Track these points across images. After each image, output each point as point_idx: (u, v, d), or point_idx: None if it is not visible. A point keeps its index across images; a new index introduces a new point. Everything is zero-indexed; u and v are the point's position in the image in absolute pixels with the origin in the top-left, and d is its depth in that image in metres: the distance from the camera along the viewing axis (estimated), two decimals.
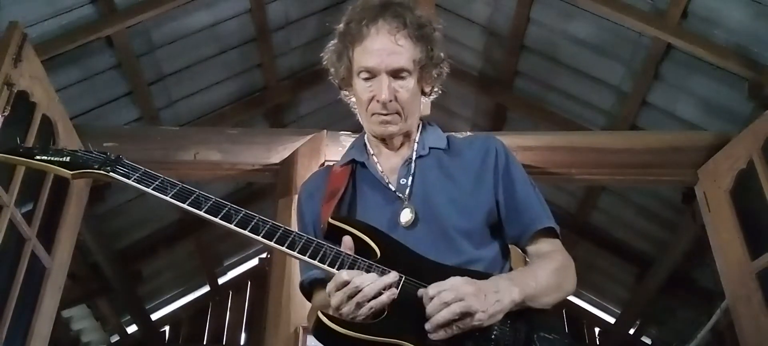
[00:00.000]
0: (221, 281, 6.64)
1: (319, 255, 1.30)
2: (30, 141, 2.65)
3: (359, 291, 1.22)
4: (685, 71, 3.62)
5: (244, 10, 4.00)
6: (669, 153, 3.35)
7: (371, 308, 1.23)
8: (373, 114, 1.52)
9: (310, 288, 1.53)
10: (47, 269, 2.84)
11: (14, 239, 2.58)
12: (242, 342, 6.79)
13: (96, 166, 1.39)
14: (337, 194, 1.51)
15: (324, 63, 1.65)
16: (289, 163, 3.31)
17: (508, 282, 1.31)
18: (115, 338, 6.10)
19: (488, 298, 1.25)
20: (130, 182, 1.38)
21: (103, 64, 3.65)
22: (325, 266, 1.29)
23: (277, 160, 3.34)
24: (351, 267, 1.28)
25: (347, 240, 1.34)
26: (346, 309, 1.23)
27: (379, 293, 1.23)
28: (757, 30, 3.15)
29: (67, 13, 3.21)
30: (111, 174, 1.38)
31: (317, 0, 4.29)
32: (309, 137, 3.42)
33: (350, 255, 1.30)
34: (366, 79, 1.50)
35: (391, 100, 1.48)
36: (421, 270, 1.31)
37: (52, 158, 1.43)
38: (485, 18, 4.25)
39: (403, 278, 1.28)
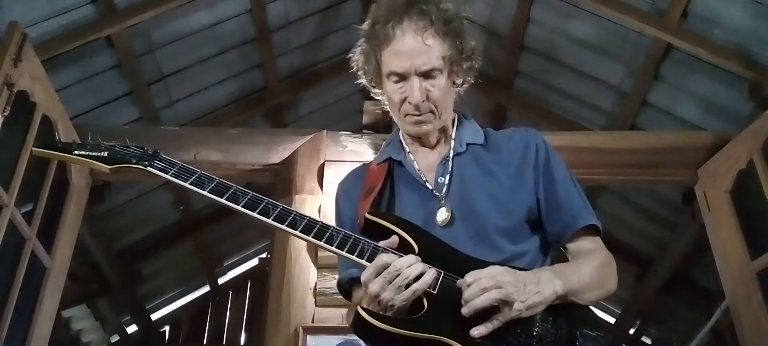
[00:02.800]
0: (221, 281, 6.65)
1: (357, 251, 1.28)
2: (29, 142, 2.64)
3: (399, 274, 1.21)
4: (685, 71, 3.62)
5: (244, 10, 4.00)
6: (669, 153, 3.35)
7: (414, 292, 1.22)
8: (406, 115, 1.49)
9: (349, 286, 1.52)
10: (47, 269, 2.84)
11: (14, 239, 2.58)
12: (242, 342, 6.79)
13: (134, 161, 1.40)
14: (374, 190, 1.48)
15: (352, 64, 1.62)
16: (289, 163, 3.31)
17: (550, 274, 1.29)
18: (115, 338, 6.10)
19: (527, 288, 1.23)
20: (168, 176, 1.37)
21: (103, 64, 3.65)
22: (364, 262, 1.27)
23: (277, 160, 3.34)
24: None
25: (393, 239, 1.32)
26: (387, 295, 1.22)
27: (420, 276, 1.22)
28: (757, 30, 3.15)
29: (67, 13, 3.21)
30: (149, 169, 1.38)
31: (317, 0, 4.29)
32: (309, 137, 3.41)
33: (389, 250, 1.28)
34: (396, 81, 1.47)
35: (423, 101, 1.44)
36: (459, 266, 1.28)
37: (91, 153, 1.43)
38: (485, 18, 4.25)
39: (442, 273, 1.27)
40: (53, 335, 2.92)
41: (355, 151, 3.39)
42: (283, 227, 1.30)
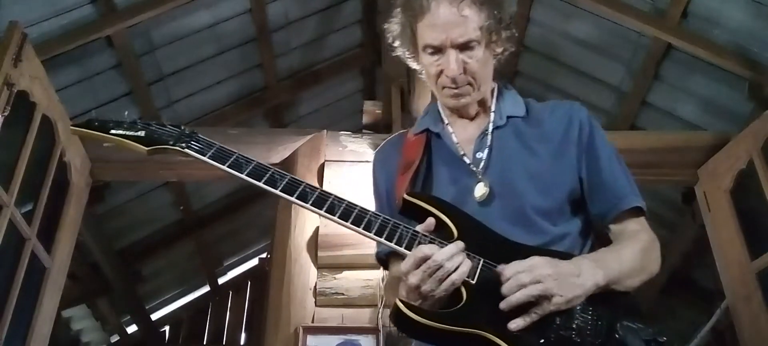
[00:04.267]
0: (221, 281, 6.65)
1: (396, 237, 1.26)
2: (29, 142, 2.64)
3: (440, 267, 1.19)
4: (685, 71, 3.62)
5: (244, 10, 4.00)
6: (669, 153, 3.35)
7: (453, 283, 1.20)
8: (443, 87, 1.44)
9: (386, 259, 1.51)
10: (47, 269, 2.84)
11: (14, 239, 2.57)
12: (242, 342, 6.79)
13: (171, 143, 1.36)
14: (411, 166, 1.45)
15: (387, 35, 1.54)
16: (289, 163, 3.31)
17: (591, 264, 1.26)
18: (115, 338, 6.10)
19: (568, 280, 1.21)
20: (205, 158, 1.34)
21: (103, 64, 3.65)
22: (402, 249, 1.25)
23: (277, 160, 3.33)
24: None
25: (430, 222, 1.29)
26: (427, 287, 1.20)
27: (458, 266, 1.20)
28: (757, 30, 3.15)
29: (67, 13, 3.21)
30: (186, 150, 1.35)
31: (317, 0, 4.29)
32: (309, 137, 3.41)
33: (427, 236, 1.26)
34: (432, 53, 1.41)
35: (460, 74, 1.40)
36: (500, 251, 1.26)
37: (128, 133, 1.39)
38: None
39: (481, 261, 1.25)
40: (53, 335, 2.92)
41: (355, 151, 3.39)
42: (321, 212, 1.29)
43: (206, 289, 6.55)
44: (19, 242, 2.62)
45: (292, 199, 1.31)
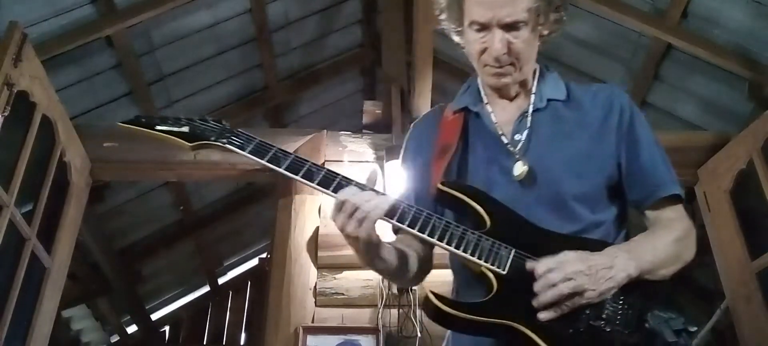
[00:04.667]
0: (221, 281, 6.65)
1: (428, 228, 1.27)
2: (29, 142, 2.64)
3: (357, 208, 1.23)
4: (685, 71, 3.62)
5: (244, 10, 4.00)
6: (669, 153, 3.29)
7: (372, 221, 1.23)
8: (485, 65, 1.42)
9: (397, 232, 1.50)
10: (47, 269, 2.84)
11: (14, 239, 2.58)
12: (242, 342, 6.80)
13: (213, 139, 1.38)
14: (448, 150, 1.43)
15: (433, 8, 1.52)
16: None
17: (624, 256, 1.25)
18: (115, 338, 6.10)
19: (600, 274, 1.20)
20: (245, 153, 1.35)
21: (103, 64, 3.65)
22: (434, 240, 1.27)
23: None
24: (460, 239, 1.27)
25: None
26: (350, 228, 1.23)
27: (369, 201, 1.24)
28: (757, 30, 3.15)
29: (67, 13, 3.21)
30: (228, 146, 1.37)
31: (317, 0, 4.29)
32: (309, 137, 3.42)
33: (459, 227, 1.28)
34: (477, 30, 1.39)
35: (504, 54, 1.38)
36: (533, 240, 1.27)
37: (172, 129, 1.41)
38: None
39: (513, 252, 1.25)
40: (53, 335, 2.92)
41: (355, 151, 3.40)
42: None
43: (206, 289, 6.55)
44: (19, 242, 2.62)
45: (328, 192, 1.32)
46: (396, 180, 3.18)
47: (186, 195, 4.90)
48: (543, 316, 1.20)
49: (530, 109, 1.45)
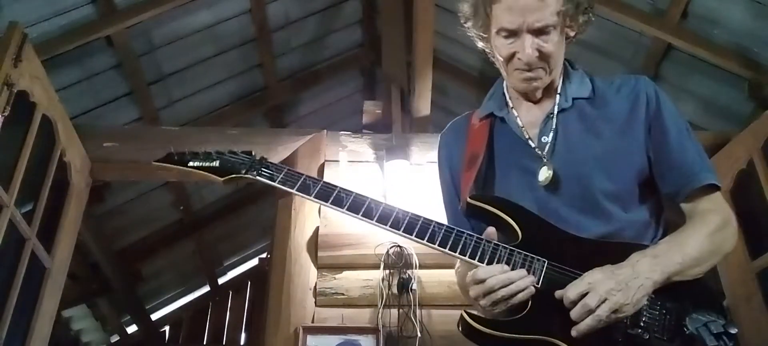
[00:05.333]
0: (221, 281, 6.65)
1: (460, 246, 1.28)
2: (29, 142, 2.64)
3: (493, 291, 1.21)
4: (685, 71, 3.62)
5: (244, 10, 4.00)
6: None
7: (508, 305, 1.22)
8: (515, 69, 1.42)
9: None
10: (47, 269, 2.84)
11: (14, 239, 2.57)
12: (242, 342, 6.79)
13: (244, 171, 1.45)
14: (477, 160, 1.43)
15: (458, 15, 1.51)
16: (289, 163, 3.31)
17: (649, 262, 1.22)
18: (115, 338, 6.10)
19: (630, 285, 1.18)
20: (275, 183, 1.41)
21: (103, 64, 3.65)
22: (466, 258, 1.28)
23: (277, 161, 3.32)
24: (492, 256, 1.26)
25: (491, 232, 1.30)
26: (484, 303, 1.23)
27: (517, 294, 1.22)
28: (757, 30, 3.15)
29: (67, 13, 3.21)
30: (258, 178, 1.43)
31: (317, 0, 4.29)
32: (309, 137, 3.41)
33: (491, 243, 1.27)
34: (506, 36, 1.39)
35: (536, 58, 1.38)
36: (565, 250, 1.26)
37: (203, 164, 1.48)
38: None
39: (546, 264, 1.25)
40: (53, 335, 2.92)
41: (355, 151, 3.39)
42: (386, 227, 1.32)
43: (206, 289, 6.55)
44: (19, 242, 2.62)
45: (358, 216, 1.35)
46: (396, 180, 3.19)
47: (186, 195, 4.90)
48: (576, 331, 1.19)
49: (556, 110, 1.44)
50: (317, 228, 3.09)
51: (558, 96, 1.46)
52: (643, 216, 1.37)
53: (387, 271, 2.93)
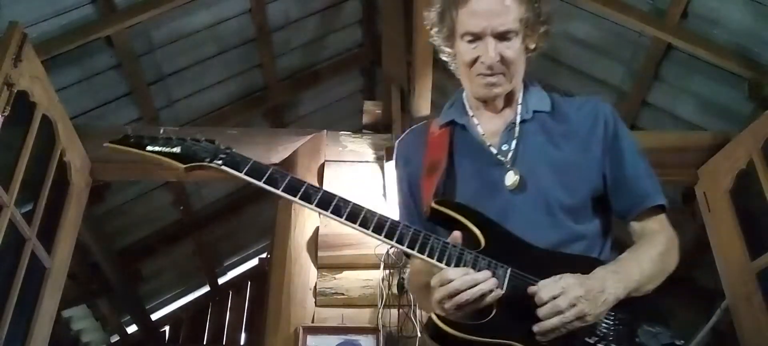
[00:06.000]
0: (221, 281, 6.65)
1: (427, 249, 1.29)
2: (29, 142, 2.64)
3: (459, 293, 1.22)
4: (685, 71, 3.62)
5: (244, 10, 4.00)
6: (669, 153, 3.35)
7: (473, 308, 1.23)
8: (477, 75, 1.45)
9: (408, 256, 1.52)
10: (47, 269, 2.84)
11: (14, 239, 2.58)
12: (242, 342, 6.79)
13: (207, 160, 1.39)
14: (438, 167, 1.45)
15: (425, 23, 1.56)
16: (289, 163, 3.31)
17: (614, 279, 1.28)
18: (115, 338, 6.10)
19: (597, 298, 1.23)
20: (241, 174, 1.36)
21: (103, 64, 3.65)
22: (433, 261, 1.28)
23: (277, 161, 3.33)
24: (458, 260, 1.27)
25: (456, 236, 1.31)
26: (448, 306, 1.23)
27: (482, 297, 1.23)
28: (757, 30, 3.15)
29: (67, 13, 3.21)
30: (223, 167, 1.37)
31: (317, 0, 4.29)
32: (309, 137, 3.41)
33: (456, 247, 1.28)
34: (470, 41, 1.43)
35: (497, 62, 1.42)
36: (527, 259, 1.29)
37: (164, 149, 1.41)
38: None
39: (510, 271, 1.27)
40: (53, 335, 2.92)
41: (355, 151, 3.39)
42: (355, 226, 1.31)
43: (206, 289, 6.55)
44: (19, 242, 2.62)
45: (327, 213, 1.33)
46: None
47: (186, 195, 4.90)
48: (542, 337, 1.22)
49: (518, 119, 1.48)
50: (317, 228, 3.09)
51: (519, 106, 1.50)
52: (593, 230, 1.43)
53: (387, 271, 2.93)
